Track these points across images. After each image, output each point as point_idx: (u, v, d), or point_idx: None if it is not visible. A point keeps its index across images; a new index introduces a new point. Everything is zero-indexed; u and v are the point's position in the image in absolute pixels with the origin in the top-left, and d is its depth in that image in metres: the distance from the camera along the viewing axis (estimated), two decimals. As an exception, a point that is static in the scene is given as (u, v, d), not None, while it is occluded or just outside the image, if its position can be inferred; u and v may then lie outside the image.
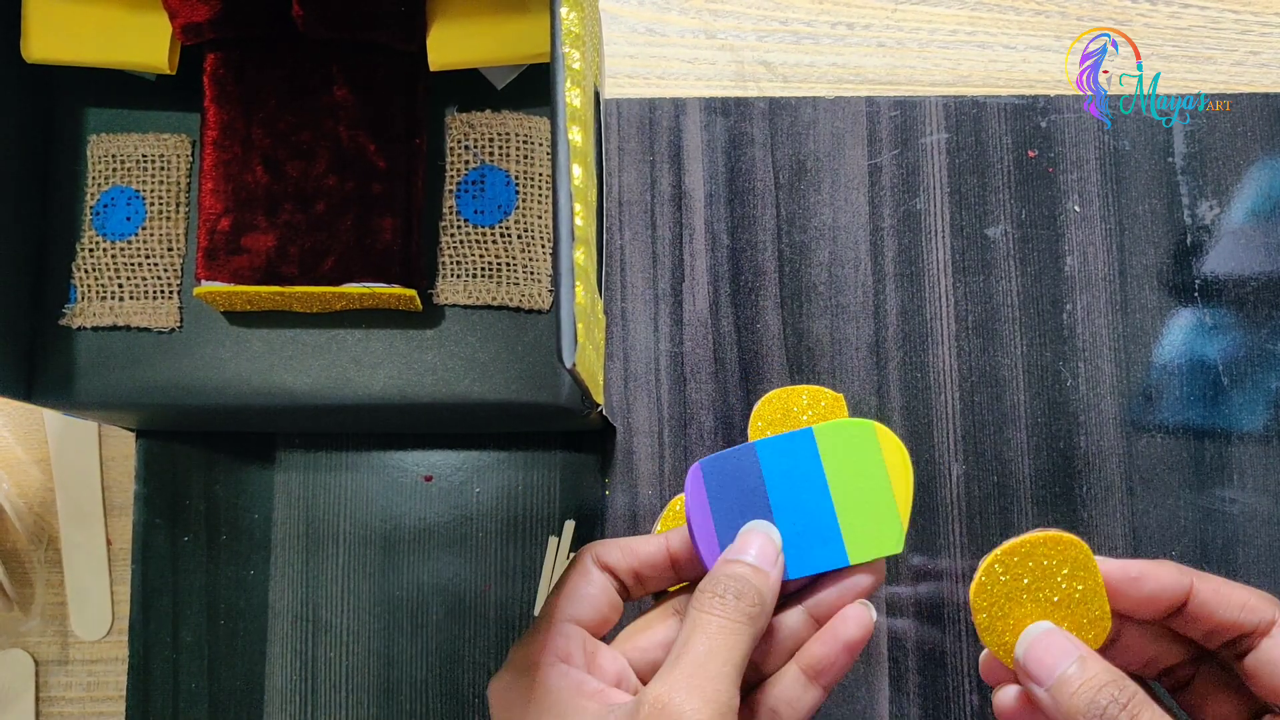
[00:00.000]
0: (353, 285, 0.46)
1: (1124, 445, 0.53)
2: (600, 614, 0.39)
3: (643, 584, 0.40)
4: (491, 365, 0.47)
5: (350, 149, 0.46)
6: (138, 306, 0.48)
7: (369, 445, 0.54)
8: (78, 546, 0.54)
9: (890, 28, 0.58)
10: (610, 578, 0.40)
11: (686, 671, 0.34)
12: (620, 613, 0.40)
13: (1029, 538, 0.37)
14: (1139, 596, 0.37)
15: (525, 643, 0.38)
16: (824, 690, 0.38)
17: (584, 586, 0.39)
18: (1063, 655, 0.36)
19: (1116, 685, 0.34)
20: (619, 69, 0.57)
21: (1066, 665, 0.35)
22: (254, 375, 0.47)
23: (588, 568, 0.40)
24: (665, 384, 0.54)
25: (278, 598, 0.53)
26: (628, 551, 0.40)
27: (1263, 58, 0.57)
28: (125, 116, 0.49)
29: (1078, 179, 0.55)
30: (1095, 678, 0.35)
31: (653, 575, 0.40)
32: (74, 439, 0.55)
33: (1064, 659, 0.35)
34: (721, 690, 0.34)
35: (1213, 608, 0.36)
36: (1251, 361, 0.54)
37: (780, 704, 0.38)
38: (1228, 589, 0.37)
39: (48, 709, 0.53)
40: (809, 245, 0.55)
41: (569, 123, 0.37)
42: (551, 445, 0.54)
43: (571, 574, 0.40)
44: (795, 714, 0.38)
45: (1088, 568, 0.37)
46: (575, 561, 0.40)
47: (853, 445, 0.40)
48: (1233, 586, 0.37)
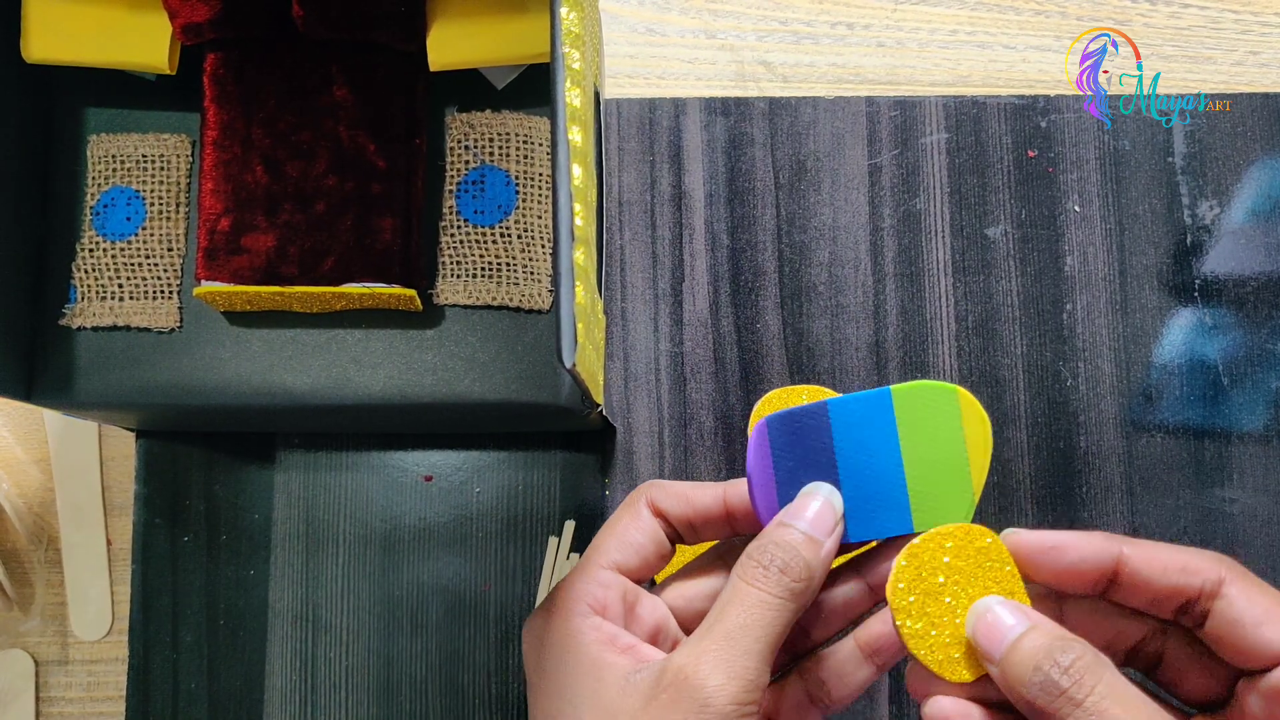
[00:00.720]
0: (353, 285, 0.46)
1: (1124, 445, 0.53)
2: (645, 562, 0.38)
3: (697, 533, 0.39)
4: (491, 365, 0.47)
5: (350, 149, 0.46)
6: (138, 306, 0.48)
7: (369, 445, 0.54)
8: (77, 546, 0.54)
9: (890, 28, 0.58)
10: (663, 523, 0.38)
11: (716, 643, 0.33)
12: (669, 559, 0.39)
13: (934, 533, 0.36)
14: (1060, 568, 0.34)
15: (565, 585, 0.37)
16: (878, 670, 0.37)
17: (633, 532, 0.38)
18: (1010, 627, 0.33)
19: (1060, 647, 0.31)
20: (619, 69, 0.57)
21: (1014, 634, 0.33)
22: (254, 375, 0.47)
23: (640, 511, 0.38)
24: (665, 384, 0.54)
25: (278, 598, 0.53)
26: (683, 499, 0.38)
27: (1263, 57, 0.57)
28: (125, 116, 0.49)
29: (1078, 179, 0.55)
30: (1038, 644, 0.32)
31: (707, 527, 0.38)
32: (74, 439, 0.55)
33: (1011, 630, 0.33)
34: (750, 667, 0.33)
35: (1148, 574, 0.34)
36: (1251, 361, 0.54)
37: (832, 677, 0.37)
38: (1164, 553, 0.34)
39: (47, 709, 0.53)
40: (809, 245, 0.55)
41: (569, 123, 0.37)
42: (551, 445, 0.54)
43: (623, 515, 0.38)
44: (845, 690, 0.37)
45: (999, 555, 0.35)
46: (629, 503, 0.39)
47: (931, 409, 0.37)
48: (1170, 550, 0.34)
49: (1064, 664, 0.31)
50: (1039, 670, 0.31)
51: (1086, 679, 0.31)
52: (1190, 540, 0.53)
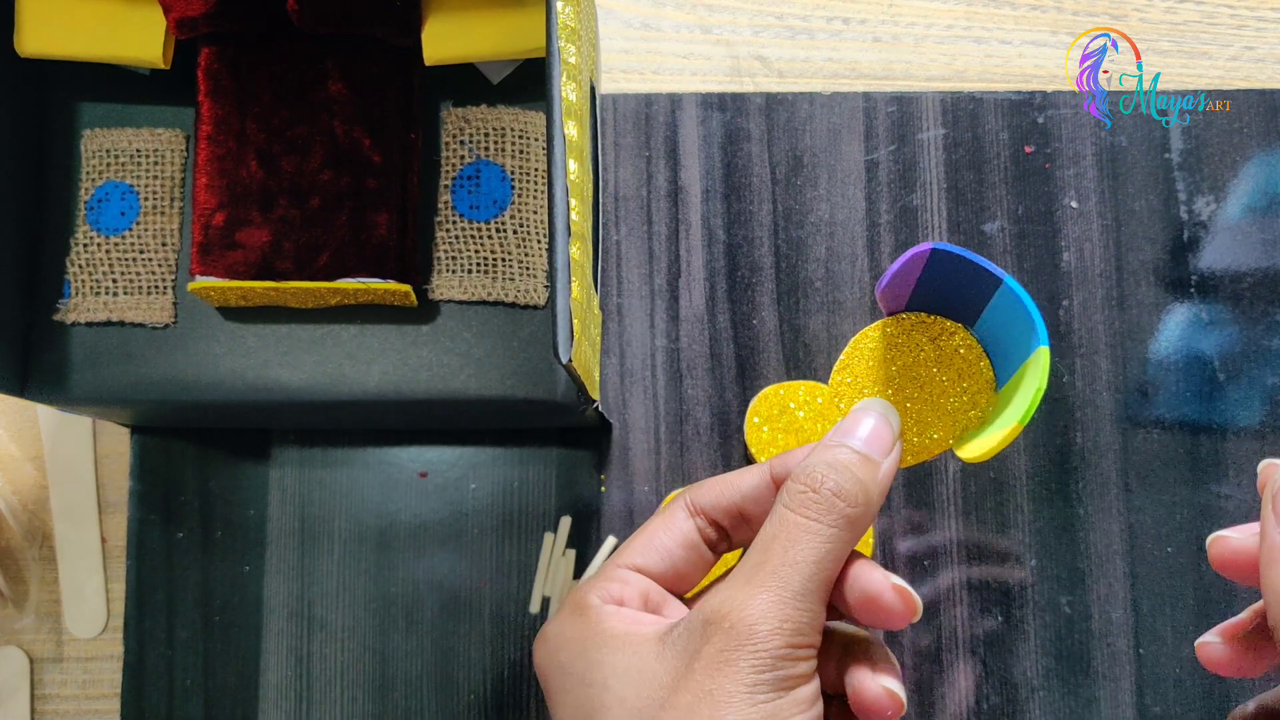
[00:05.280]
0: (348, 281, 0.46)
1: (1120, 441, 0.53)
2: (673, 566, 0.34)
3: (748, 522, 0.35)
4: (487, 361, 0.47)
5: (345, 144, 0.46)
6: (132, 302, 0.47)
7: (364, 441, 0.54)
8: (72, 543, 0.54)
9: (886, 23, 0.58)
10: (706, 524, 0.35)
11: (764, 584, 0.29)
12: (707, 567, 0.35)
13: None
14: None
15: (577, 586, 0.34)
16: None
17: (661, 535, 0.34)
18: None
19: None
20: (614, 64, 0.57)
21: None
22: (248, 371, 0.47)
23: (673, 514, 0.35)
24: (661, 380, 0.54)
25: (272, 594, 0.53)
26: (729, 486, 0.35)
27: (1258, 52, 0.57)
28: (119, 111, 0.49)
29: (1074, 175, 0.55)
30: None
31: (758, 510, 0.34)
32: (68, 435, 0.54)
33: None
34: (804, 609, 0.29)
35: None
36: (1247, 357, 0.54)
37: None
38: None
39: (42, 706, 0.53)
40: (806, 241, 0.55)
41: (565, 117, 0.37)
42: (547, 441, 0.54)
43: (654, 519, 0.35)
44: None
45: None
46: (664, 507, 0.36)
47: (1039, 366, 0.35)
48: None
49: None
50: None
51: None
52: (1186, 536, 0.53)
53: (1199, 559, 0.53)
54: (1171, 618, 0.52)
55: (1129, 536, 0.53)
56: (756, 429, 0.52)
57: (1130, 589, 0.52)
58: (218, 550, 0.53)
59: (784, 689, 0.28)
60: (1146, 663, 0.52)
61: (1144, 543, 0.53)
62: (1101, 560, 0.53)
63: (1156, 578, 0.52)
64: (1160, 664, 0.52)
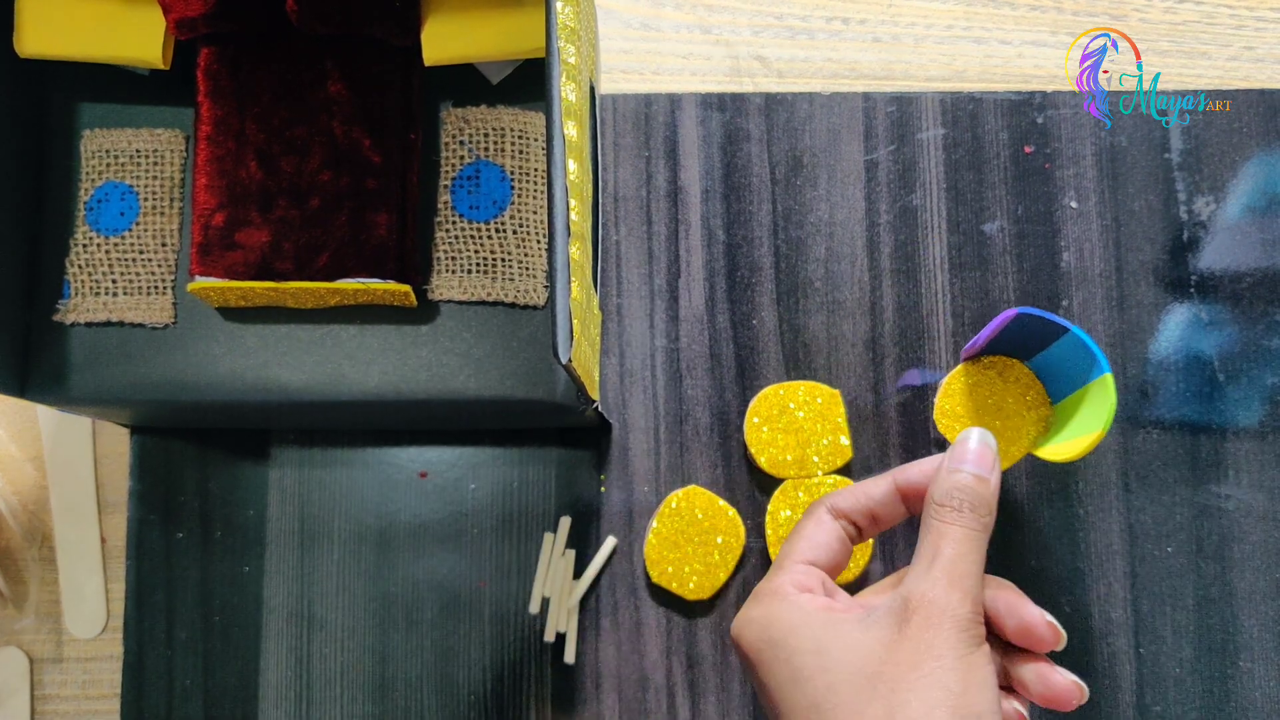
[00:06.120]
0: (347, 281, 0.46)
1: (1120, 441, 0.53)
2: (833, 558, 0.42)
3: (877, 523, 0.43)
4: (486, 361, 0.47)
5: (345, 144, 0.46)
6: (132, 302, 0.47)
7: (363, 441, 0.54)
8: (72, 544, 0.54)
9: (886, 23, 0.58)
10: (845, 523, 0.43)
11: (944, 572, 0.38)
12: (849, 558, 0.44)
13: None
14: None
15: (767, 580, 0.41)
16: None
17: (819, 534, 0.42)
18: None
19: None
20: (614, 64, 0.57)
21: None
22: (248, 371, 0.47)
23: (820, 516, 0.43)
24: (661, 380, 0.54)
25: (272, 594, 0.53)
26: (861, 495, 0.43)
27: (1257, 52, 0.57)
28: (119, 112, 0.49)
29: (1074, 175, 0.55)
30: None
31: (886, 513, 0.43)
32: (68, 436, 0.54)
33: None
34: (974, 585, 0.38)
35: None
36: (1247, 357, 0.54)
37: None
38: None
39: (42, 707, 0.53)
40: (805, 241, 0.55)
41: (564, 118, 0.37)
42: (547, 441, 0.54)
43: (806, 523, 0.43)
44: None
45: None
46: (808, 513, 0.43)
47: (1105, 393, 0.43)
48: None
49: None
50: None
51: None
52: (1185, 536, 0.53)
53: (1199, 559, 0.53)
54: (1171, 618, 0.52)
55: (1129, 536, 0.53)
56: (756, 429, 0.52)
57: (1130, 589, 0.52)
58: (217, 550, 0.53)
59: (975, 643, 0.37)
60: (1146, 662, 0.52)
61: (1144, 543, 0.53)
62: (1101, 560, 0.53)
63: (1156, 578, 0.52)
64: (1160, 664, 0.52)
